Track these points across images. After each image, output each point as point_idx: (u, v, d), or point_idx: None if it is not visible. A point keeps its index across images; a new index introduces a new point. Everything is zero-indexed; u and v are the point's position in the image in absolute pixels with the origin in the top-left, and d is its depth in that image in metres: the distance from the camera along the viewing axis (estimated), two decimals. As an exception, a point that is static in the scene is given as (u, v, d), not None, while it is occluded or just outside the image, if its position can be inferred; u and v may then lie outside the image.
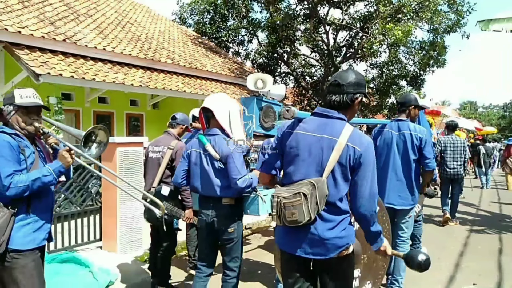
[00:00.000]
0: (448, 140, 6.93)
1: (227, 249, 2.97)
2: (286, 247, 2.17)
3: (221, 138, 2.89)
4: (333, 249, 2.05)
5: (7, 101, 2.42)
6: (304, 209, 1.97)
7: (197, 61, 11.15)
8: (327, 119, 2.11)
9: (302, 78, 17.96)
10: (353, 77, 2.13)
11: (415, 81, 15.47)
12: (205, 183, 2.91)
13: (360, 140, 2.05)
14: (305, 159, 2.08)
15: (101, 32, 9.01)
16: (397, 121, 3.73)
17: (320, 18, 14.97)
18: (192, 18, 16.63)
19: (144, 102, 10.09)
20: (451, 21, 12.76)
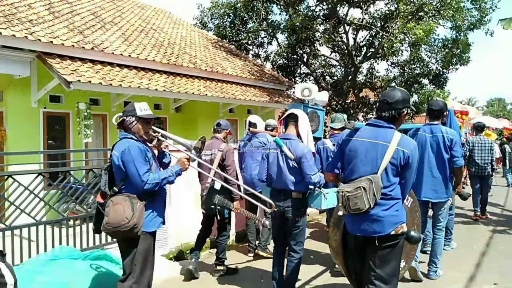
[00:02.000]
0: (476, 140, 7.33)
1: (293, 234, 3.59)
2: (353, 230, 2.71)
3: (296, 142, 3.54)
4: (389, 225, 2.57)
5: (129, 113, 2.99)
6: (365, 199, 2.51)
7: (218, 65, 11.40)
8: (379, 128, 2.66)
9: (322, 78, 17.97)
10: (399, 95, 2.66)
11: (438, 80, 15.22)
12: (279, 178, 3.55)
13: (408, 144, 2.60)
14: (362, 160, 2.64)
15: (126, 39, 9.37)
16: (430, 125, 4.22)
17: (339, 18, 14.97)
18: (213, 22, 16.94)
19: (167, 105, 10.40)
20: (474, 18, 12.50)
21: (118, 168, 2.88)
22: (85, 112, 7.59)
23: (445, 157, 4.10)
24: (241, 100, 10.61)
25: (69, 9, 9.28)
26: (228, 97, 10.18)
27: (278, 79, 13.87)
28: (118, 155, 2.85)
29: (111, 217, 2.76)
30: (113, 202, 2.80)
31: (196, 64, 10.35)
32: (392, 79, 16.80)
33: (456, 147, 4.09)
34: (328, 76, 18.21)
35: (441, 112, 4.25)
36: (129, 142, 2.90)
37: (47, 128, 7.93)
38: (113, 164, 2.91)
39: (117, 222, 2.74)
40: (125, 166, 2.83)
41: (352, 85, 15.80)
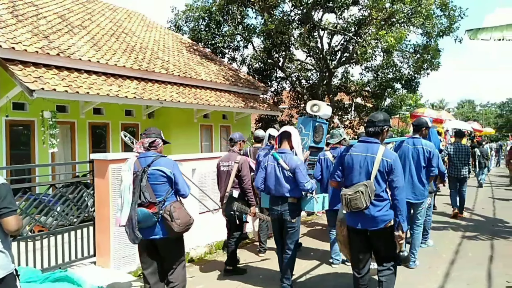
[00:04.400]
0: (454, 146, 8.26)
1: (289, 234, 4.18)
2: (353, 224, 3.44)
3: (291, 155, 4.15)
4: (381, 222, 3.34)
5: (158, 136, 3.60)
6: (362, 200, 3.25)
7: (192, 70, 11.23)
8: (368, 144, 3.43)
9: (298, 82, 18.03)
10: (382, 117, 3.48)
11: (410, 84, 15.53)
12: (277, 187, 4.14)
13: (390, 155, 3.37)
14: (358, 169, 3.39)
15: (95, 44, 9.08)
16: (412, 138, 5.01)
17: (314, 23, 15.07)
18: (187, 26, 16.72)
19: (139, 112, 10.15)
20: (443, 25, 12.83)
21: (168, 181, 3.41)
22: (50, 121, 7.29)
23: (422, 165, 4.82)
24: (215, 106, 10.47)
25: (35, 12, 8.91)
26: (201, 103, 10.03)
27: (254, 84, 13.82)
28: (170, 170, 3.41)
29: (182, 218, 3.36)
30: (175, 208, 3.36)
31: (169, 69, 10.15)
32: (366, 83, 17.05)
33: (434, 158, 4.81)
34: (304, 80, 18.30)
35: (421, 127, 5.07)
36: (170, 159, 3.53)
37: (10, 137, 7.58)
38: (160, 177, 3.38)
39: (187, 221, 3.39)
40: (176, 178, 3.42)
41: (327, 89, 15.92)
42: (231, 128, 12.72)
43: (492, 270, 4.96)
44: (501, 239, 6.45)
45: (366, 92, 17.27)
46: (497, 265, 5.15)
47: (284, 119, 19.14)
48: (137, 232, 3.27)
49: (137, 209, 3.28)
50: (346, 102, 18.53)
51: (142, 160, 3.45)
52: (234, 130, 12.78)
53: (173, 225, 3.29)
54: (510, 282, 4.52)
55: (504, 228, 7.37)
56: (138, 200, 3.31)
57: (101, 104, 8.62)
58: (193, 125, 11.15)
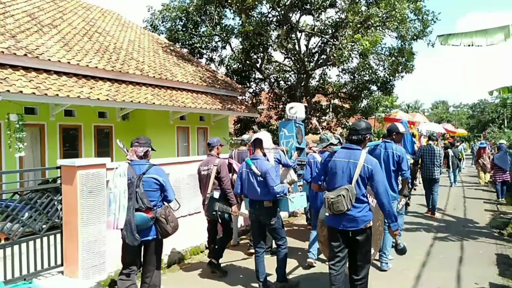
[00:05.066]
0: (426, 148, 8.71)
1: (273, 232, 4.48)
2: (334, 225, 3.61)
3: (262, 161, 4.42)
4: (361, 223, 3.52)
5: (150, 145, 3.86)
6: (344, 203, 3.43)
7: (168, 71, 11.04)
8: (351, 150, 3.62)
9: (277, 83, 18.06)
10: (364, 125, 3.69)
11: (385, 86, 15.80)
12: (252, 191, 4.42)
13: (371, 161, 3.56)
14: (340, 174, 3.57)
15: (66, 43, 8.79)
16: (385, 142, 5.23)
17: (292, 24, 15.11)
18: (164, 25, 16.46)
19: (113, 114, 9.90)
20: (417, 29, 13.10)
21: (160, 188, 3.73)
22: (17, 124, 6.99)
23: (391, 168, 5.04)
24: (191, 108, 10.33)
25: (1, 10, 8.56)
26: (177, 105, 9.88)
27: (231, 86, 13.73)
28: (163, 178, 3.74)
29: (175, 222, 3.74)
30: (169, 212, 3.71)
31: (144, 70, 9.94)
32: (343, 85, 17.24)
33: (403, 162, 5.03)
34: (283, 81, 18.34)
35: (392, 132, 5.37)
36: (160, 168, 3.83)
37: (-26, 140, 7.23)
38: (153, 185, 3.69)
39: (177, 224, 3.78)
40: (166, 185, 3.74)
41: (305, 91, 16.00)
42: (208, 130, 12.60)
43: (461, 271, 5.08)
44: (471, 240, 6.63)
45: (343, 94, 17.46)
46: (466, 266, 5.28)
47: (263, 120, 19.14)
48: (136, 235, 3.56)
49: (135, 214, 3.55)
50: (324, 104, 18.69)
51: (136, 168, 3.72)
52: (212, 132, 12.68)
53: (167, 228, 3.67)
54: (479, 284, 4.63)
55: (473, 228, 7.58)
56: (135, 205, 3.58)
57: (72, 106, 8.35)
58: (169, 127, 10.97)
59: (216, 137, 5.63)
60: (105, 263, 4.95)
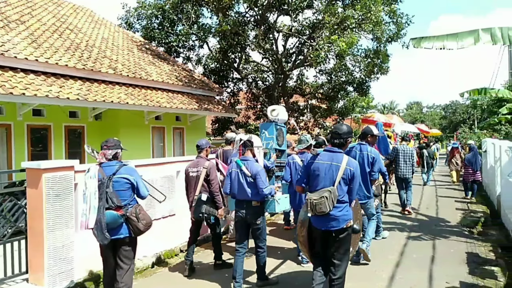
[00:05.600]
0: (400, 148, 9.09)
1: (257, 234, 4.57)
2: (318, 226, 3.76)
3: (252, 162, 4.53)
4: (343, 222, 3.66)
5: (119, 147, 3.94)
6: (327, 204, 3.55)
7: (142, 70, 10.80)
8: (333, 153, 3.77)
9: (255, 83, 18.02)
10: (346, 129, 3.83)
11: (361, 87, 16.02)
12: (241, 191, 4.51)
13: (352, 164, 3.74)
14: (323, 176, 3.70)
15: (34, 40, 8.44)
16: (360, 144, 5.44)
17: (269, 24, 15.10)
18: (140, 23, 16.12)
19: (85, 113, 9.58)
20: (391, 32, 13.34)
21: (132, 187, 3.83)
22: (-21, 124, 6.65)
23: (366, 170, 5.21)
24: (166, 108, 10.14)
25: (-36, 4, 8.13)
26: (152, 105, 9.67)
27: (208, 85, 13.59)
28: (134, 177, 3.84)
29: (146, 219, 3.82)
30: (140, 210, 3.82)
31: (117, 69, 9.68)
32: (320, 86, 17.37)
33: (376, 163, 5.25)
34: (260, 82, 18.31)
35: (366, 134, 5.59)
36: (131, 167, 3.96)
37: None
38: (124, 184, 3.78)
39: (149, 221, 3.86)
40: (138, 184, 3.85)
41: (282, 91, 16.03)
42: (185, 130, 12.41)
43: (433, 271, 5.16)
44: (442, 239, 6.76)
45: (320, 94, 17.60)
46: (438, 265, 5.37)
47: (241, 120, 19.06)
48: (106, 234, 3.61)
49: (105, 212, 3.64)
50: (301, 104, 18.78)
51: (106, 169, 3.81)
52: (188, 132, 12.51)
53: (139, 226, 3.75)
54: (450, 283, 4.71)
55: (445, 227, 7.75)
56: (105, 205, 3.67)
57: (41, 105, 8.02)
58: (143, 127, 10.72)
59: (205, 139, 5.77)
60: (73, 269, 4.76)
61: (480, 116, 28.99)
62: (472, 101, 30.97)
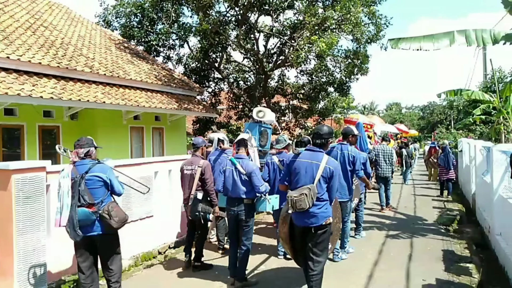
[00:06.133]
0: (380, 148, 9.45)
1: (245, 232, 4.66)
2: (298, 223, 3.91)
3: (247, 160, 4.66)
4: (322, 219, 3.80)
5: (91, 145, 3.99)
6: (306, 201, 3.69)
7: (120, 69, 10.58)
8: (314, 152, 3.95)
9: (236, 83, 17.95)
10: (327, 129, 4.02)
11: (342, 88, 16.16)
12: (234, 189, 4.60)
13: (332, 163, 3.90)
14: (304, 174, 3.86)
15: (6, 37, 8.14)
16: (341, 144, 5.58)
17: (250, 24, 15.05)
18: (118, 21, 15.81)
19: (60, 113, 9.30)
20: (371, 33, 13.51)
21: (105, 185, 3.88)
22: None
23: (348, 169, 5.37)
24: (145, 107, 9.97)
25: None
26: (130, 104, 9.48)
27: (188, 85, 13.44)
28: (106, 175, 3.88)
29: (119, 216, 3.85)
30: (112, 207, 3.83)
31: (94, 67, 9.44)
32: (301, 86, 17.45)
33: (357, 162, 5.40)
34: (242, 82, 18.25)
35: (348, 135, 5.72)
36: (105, 165, 3.98)
37: None
38: (97, 182, 3.84)
39: (123, 218, 3.90)
40: (111, 182, 3.90)
41: (264, 91, 16.02)
42: (164, 130, 12.23)
43: (410, 269, 5.23)
44: (420, 237, 6.87)
45: (301, 95, 17.68)
46: (415, 263, 5.45)
47: (223, 120, 18.95)
48: (78, 231, 3.69)
49: (77, 210, 3.71)
50: (283, 104, 18.83)
51: (79, 168, 3.87)
52: (168, 132, 12.34)
53: (111, 222, 3.78)
54: (426, 280, 4.78)
55: (422, 225, 7.89)
56: (78, 203, 3.74)
57: (13, 104, 7.74)
58: (121, 127, 10.50)
59: (201, 137, 5.86)
60: (45, 274, 4.59)
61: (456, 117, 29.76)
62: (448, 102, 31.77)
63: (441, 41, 6.80)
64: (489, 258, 6.01)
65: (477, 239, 6.91)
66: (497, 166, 6.31)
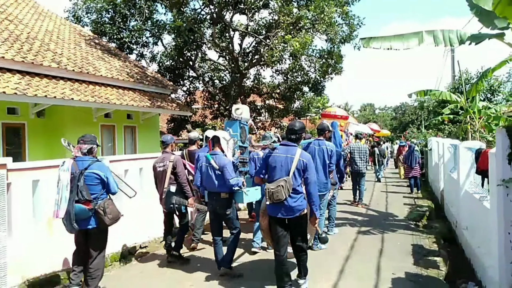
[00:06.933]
0: (355, 146, 9.85)
1: (229, 222, 4.91)
2: (274, 214, 4.15)
3: (220, 156, 4.81)
4: (297, 211, 4.07)
5: (94, 142, 4.23)
6: (283, 192, 3.95)
7: (90, 65, 10.26)
8: (288, 147, 4.20)
9: (211, 82, 17.79)
10: (300, 125, 4.27)
11: (317, 87, 16.31)
12: (210, 184, 4.80)
13: (305, 156, 4.16)
14: (279, 168, 4.11)
15: (-35, 29, 7.73)
16: (318, 140, 5.82)
17: (226, 23, 14.96)
18: (89, 17, 15.35)
19: (26, 110, 8.93)
20: (344, 33, 13.70)
21: (101, 182, 4.10)
22: None
23: (326, 162, 5.64)
24: (116, 105, 9.71)
25: None
26: (100, 101, 9.21)
27: (162, 83, 13.21)
28: (104, 173, 4.09)
29: (113, 213, 4.10)
30: (108, 204, 4.07)
31: (62, 63, 9.11)
32: (277, 86, 17.50)
33: (333, 156, 5.69)
34: (217, 80, 18.12)
35: (324, 131, 5.96)
36: (103, 164, 4.19)
37: None
38: (95, 179, 4.05)
39: (116, 215, 4.15)
40: (108, 180, 4.11)
41: (239, 90, 15.96)
42: (137, 129, 11.97)
43: (381, 263, 5.31)
44: (390, 232, 7.01)
45: (277, 94, 17.73)
46: (385, 258, 5.54)
47: (198, 119, 18.75)
48: (74, 224, 3.92)
49: (74, 205, 3.90)
50: (259, 104, 18.83)
51: (79, 163, 4.06)
52: (141, 131, 12.08)
53: (105, 219, 4.02)
54: (396, 274, 4.86)
55: (393, 221, 8.05)
56: (75, 197, 3.92)
57: (-27, 100, 7.36)
58: (92, 125, 10.19)
59: (170, 134, 6.08)
60: (6, 276, 4.36)
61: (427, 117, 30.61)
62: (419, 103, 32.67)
63: (410, 40, 6.93)
64: (456, 251, 6.20)
65: (445, 234, 7.11)
66: (464, 163, 6.52)
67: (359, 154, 9.69)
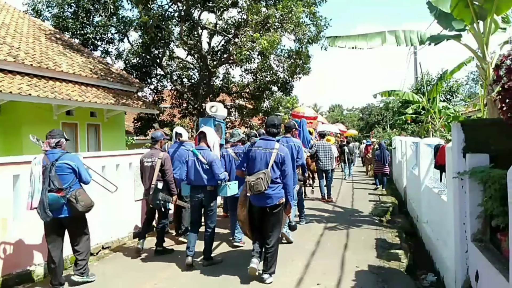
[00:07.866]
0: (320, 144, 10.15)
1: (209, 215, 5.13)
2: (255, 203, 4.49)
3: (208, 151, 5.06)
4: (276, 199, 4.41)
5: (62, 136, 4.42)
6: (262, 184, 4.25)
7: (50, 60, 9.83)
8: (268, 141, 4.55)
9: (180, 80, 17.53)
10: (278, 120, 4.71)
11: (285, 87, 16.45)
12: (197, 177, 5.00)
13: (283, 150, 4.52)
14: (259, 161, 4.43)
15: None
16: (286, 137, 6.08)
17: (194, 21, 14.78)
18: (50, 11, 14.73)
19: (-21, 106, 8.43)
20: (312, 33, 13.89)
21: (73, 172, 4.29)
22: None
23: (294, 158, 5.79)
24: (78, 101, 9.34)
25: None
26: (61, 98, 8.83)
27: (127, 80, 12.86)
28: (75, 163, 4.30)
29: (85, 201, 4.29)
30: (80, 193, 4.26)
31: (19, 57, 8.67)
32: (246, 85, 17.49)
33: (300, 152, 5.96)
34: (186, 79, 17.87)
35: (291, 129, 6.25)
36: (73, 155, 4.48)
37: None
38: (66, 169, 4.24)
39: (89, 203, 4.34)
40: (79, 170, 4.32)
41: (208, 89, 15.82)
42: (101, 127, 11.58)
43: (345, 257, 5.39)
44: (355, 228, 7.15)
45: (246, 94, 17.72)
46: (350, 252, 5.63)
47: (166, 118, 18.41)
48: (48, 212, 4.06)
49: (47, 194, 4.07)
50: (228, 104, 18.74)
51: (50, 156, 4.25)
52: (105, 129, 11.71)
53: (78, 207, 4.20)
54: (359, 267, 4.95)
55: (358, 217, 8.22)
56: (48, 187, 4.10)
57: None
58: (52, 123, 9.70)
59: (160, 131, 6.26)
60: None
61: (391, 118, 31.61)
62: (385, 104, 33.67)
63: (374, 40, 7.13)
64: (417, 244, 6.41)
65: (407, 228, 7.35)
66: (424, 159, 6.76)
67: (323, 151, 10.04)
